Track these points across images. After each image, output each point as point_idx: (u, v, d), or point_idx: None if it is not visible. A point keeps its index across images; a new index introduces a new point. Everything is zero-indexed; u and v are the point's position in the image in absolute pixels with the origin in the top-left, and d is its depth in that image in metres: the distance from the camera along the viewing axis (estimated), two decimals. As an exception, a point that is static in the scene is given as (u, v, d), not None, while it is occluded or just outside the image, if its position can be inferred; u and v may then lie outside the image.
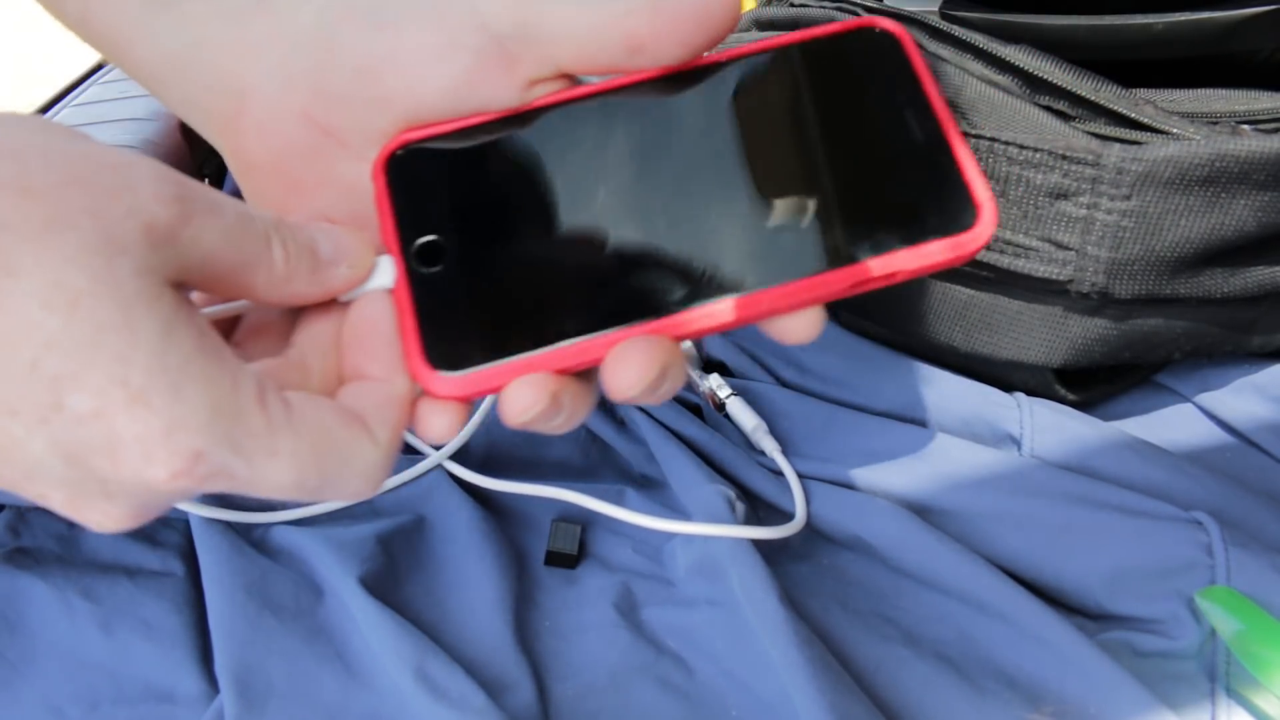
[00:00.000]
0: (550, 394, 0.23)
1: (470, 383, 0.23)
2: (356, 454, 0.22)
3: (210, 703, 0.39)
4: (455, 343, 0.24)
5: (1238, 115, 0.42)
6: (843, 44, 0.25)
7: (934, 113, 0.24)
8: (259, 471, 0.21)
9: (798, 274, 0.23)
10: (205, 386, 0.20)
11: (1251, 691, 0.35)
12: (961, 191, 0.24)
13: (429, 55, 0.24)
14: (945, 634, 0.39)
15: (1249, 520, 0.40)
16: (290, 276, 0.23)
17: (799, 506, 0.43)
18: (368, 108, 0.25)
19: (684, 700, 0.38)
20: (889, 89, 0.25)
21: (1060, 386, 0.46)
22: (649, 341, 0.23)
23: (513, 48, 0.24)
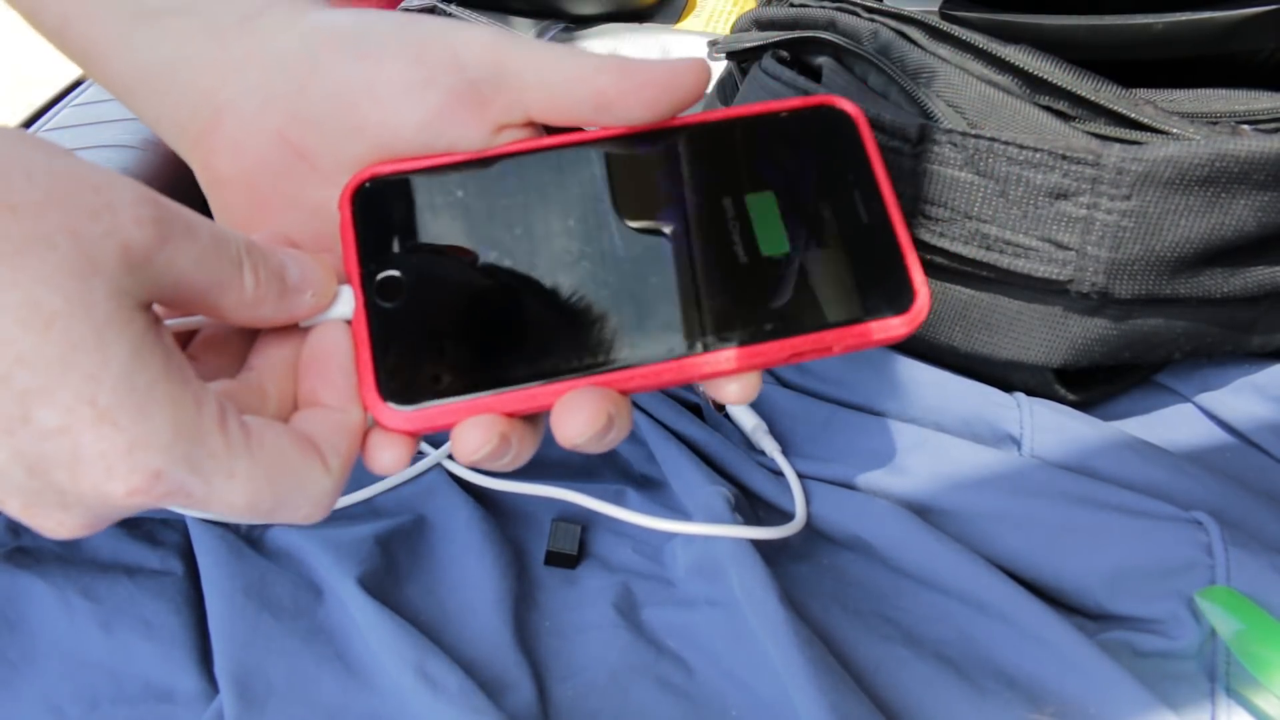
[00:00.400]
0: (499, 435, 0.24)
1: (420, 418, 0.24)
2: (309, 480, 0.23)
3: (210, 702, 0.39)
4: (408, 378, 0.24)
5: (1238, 115, 0.42)
6: (800, 120, 0.27)
7: (881, 195, 0.26)
8: (215, 492, 0.21)
9: (738, 341, 0.25)
10: (170, 408, 0.20)
11: (1251, 691, 0.35)
12: (900, 276, 0.25)
13: (405, 89, 0.25)
14: (945, 634, 0.39)
15: (1249, 520, 0.40)
16: (259, 301, 0.23)
17: (799, 506, 0.43)
18: (342, 134, 0.25)
19: (684, 700, 0.38)
20: (840, 168, 0.26)
21: (1060, 386, 0.46)
22: (597, 393, 0.24)
23: (485, 90, 0.25)
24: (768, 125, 0.26)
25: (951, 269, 0.44)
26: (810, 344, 0.25)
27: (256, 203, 0.27)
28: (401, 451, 0.25)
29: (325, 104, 0.25)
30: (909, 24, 0.46)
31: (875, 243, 0.25)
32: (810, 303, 0.25)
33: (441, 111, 0.25)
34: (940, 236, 0.43)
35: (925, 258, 0.45)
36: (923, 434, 0.45)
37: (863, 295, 0.25)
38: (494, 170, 0.26)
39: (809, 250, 0.25)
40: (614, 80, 0.25)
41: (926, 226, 0.43)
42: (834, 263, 0.25)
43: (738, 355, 0.25)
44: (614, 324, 0.25)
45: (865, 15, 0.48)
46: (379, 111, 0.25)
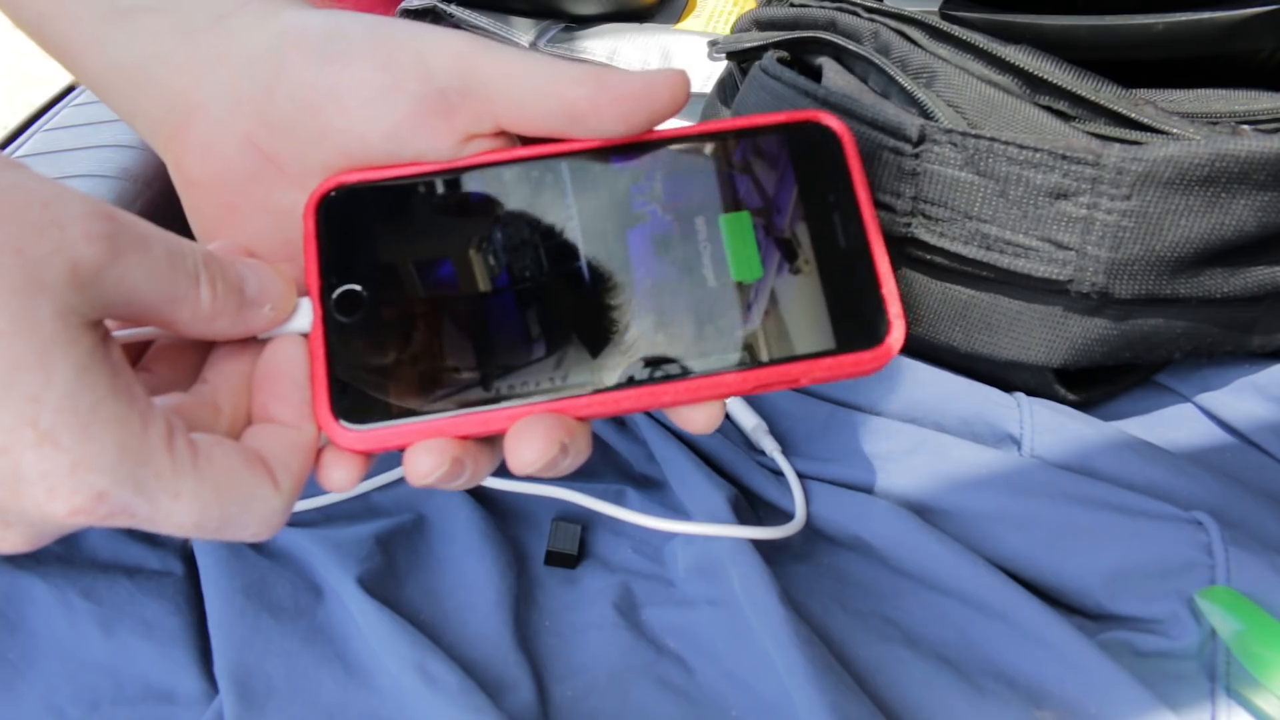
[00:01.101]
0: (452, 459, 0.24)
1: (373, 438, 0.24)
2: (258, 499, 0.22)
3: (210, 703, 0.39)
4: (362, 396, 0.24)
5: (1238, 115, 0.42)
6: (782, 136, 0.25)
7: (861, 220, 0.25)
8: (160, 512, 0.21)
9: (701, 371, 0.24)
10: (115, 428, 0.20)
11: (1251, 691, 0.35)
12: (876, 307, 0.24)
13: (371, 96, 0.24)
14: (945, 634, 0.39)
15: (1249, 520, 0.40)
16: (215, 315, 0.23)
17: (799, 506, 0.43)
18: (309, 139, 0.25)
19: (684, 700, 0.38)
20: (821, 189, 0.25)
21: (1060, 386, 0.46)
22: (552, 420, 0.24)
23: (454, 99, 0.25)
24: (747, 141, 0.25)
25: (951, 269, 0.44)
26: (776, 377, 0.24)
27: (226, 206, 0.26)
28: (354, 470, 0.24)
29: (291, 108, 0.25)
30: (909, 24, 0.46)
31: (852, 270, 0.24)
32: (779, 333, 0.24)
33: (408, 119, 0.25)
34: (940, 236, 0.43)
35: (925, 257, 0.45)
36: (923, 434, 0.45)
37: (835, 326, 0.24)
38: (460, 183, 0.25)
39: (782, 276, 0.24)
40: (588, 92, 0.24)
41: (926, 226, 0.43)
42: (807, 290, 0.24)
43: (699, 386, 0.24)
44: (574, 348, 0.24)
45: (865, 15, 0.48)
46: (344, 118, 0.25)
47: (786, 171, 0.25)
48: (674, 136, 0.25)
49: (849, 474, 0.45)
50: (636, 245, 0.25)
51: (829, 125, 0.25)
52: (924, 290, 0.45)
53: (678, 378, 0.24)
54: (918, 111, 0.44)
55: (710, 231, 0.25)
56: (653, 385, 0.24)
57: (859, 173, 0.25)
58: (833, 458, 0.45)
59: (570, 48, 0.69)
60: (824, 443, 0.46)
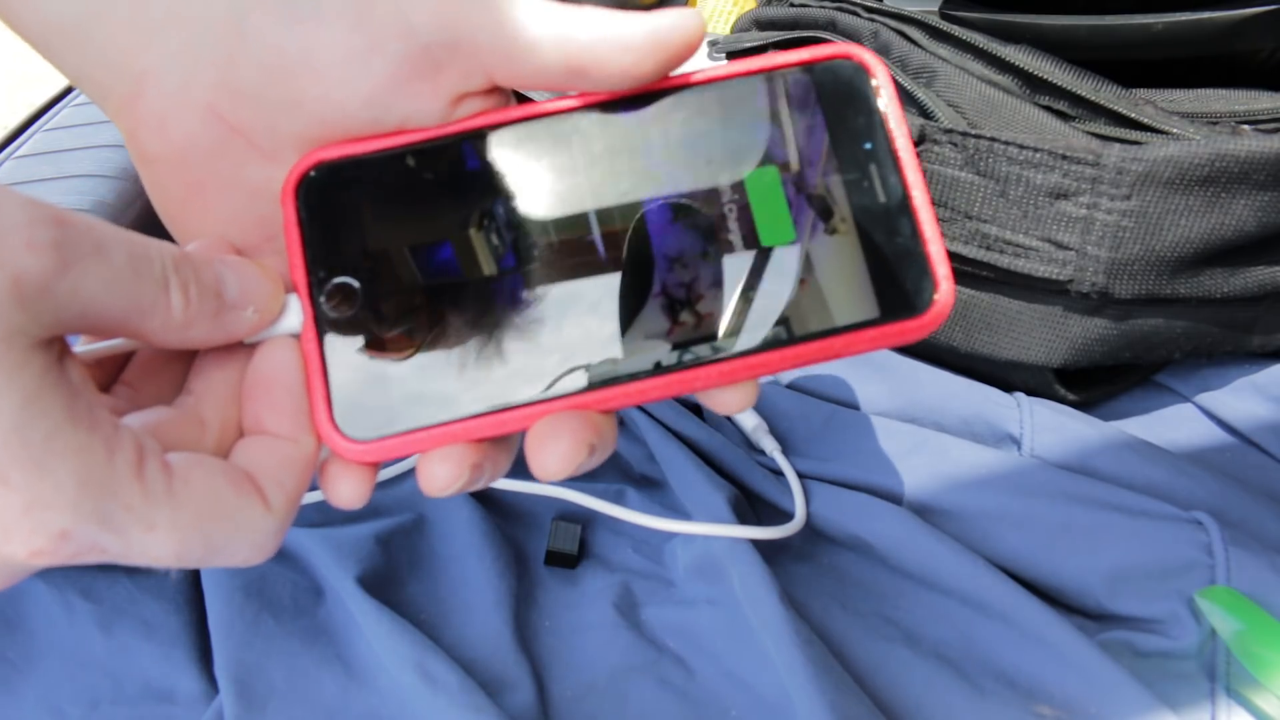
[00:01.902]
0: (471, 466, 0.22)
1: (381, 449, 0.21)
2: (246, 522, 0.20)
3: (210, 703, 0.39)
4: (367, 403, 0.21)
5: (1238, 115, 0.42)
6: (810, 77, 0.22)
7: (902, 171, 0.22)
8: (134, 546, 0.19)
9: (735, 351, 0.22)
10: (73, 460, 0.18)
11: (1251, 691, 0.35)
12: (921, 268, 0.22)
13: (347, 57, 0.22)
14: (945, 634, 0.39)
15: (1249, 520, 0.40)
16: (190, 322, 0.21)
17: (799, 506, 0.43)
18: (279, 108, 0.22)
19: (684, 700, 0.38)
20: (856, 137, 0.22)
21: (1060, 386, 0.46)
22: (576, 420, 0.21)
23: (439, 56, 0.22)
24: (772, 85, 0.22)
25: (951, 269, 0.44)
26: (815, 352, 0.22)
27: (191, 184, 0.24)
28: (362, 483, 0.22)
29: (258, 75, 0.22)
30: (909, 24, 0.46)
31: (894, 228, 0.21)
32: (818, 303, 0.21)
33: (390, 82, 0.22)
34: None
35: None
36: (923, 434, 0.45)
37: (878, 293, 0.21)
38: (455, 152, 0.22)
39: (817, 238, 0.22)
40: (589, 40, 0.21)
41: (926, 226, 0.43)
42: (845, 253, 0.21)
43: (733, 369, 0.21)
44: (596, 334, 0.21)
45: (865, 15, 0.48)
46: (319, 84, 0.22)
47: (816, 118, 0.22)
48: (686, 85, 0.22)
49: (849, 474, 0.45)
50: (655, 213, 0.22)
51: (861, 61, 0.22)
52: (924, 290, 0.45)
53: (709, 361, 0.21)
54: (917, 111, 0.44)
55: (735, 192, 0.22)
56: (683, 371, 0.21)
57: (898, 116, 0.22)
58: (833, 458, 0.45)
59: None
60: (824, 443, 0.46)
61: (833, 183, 0.22)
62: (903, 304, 0.21)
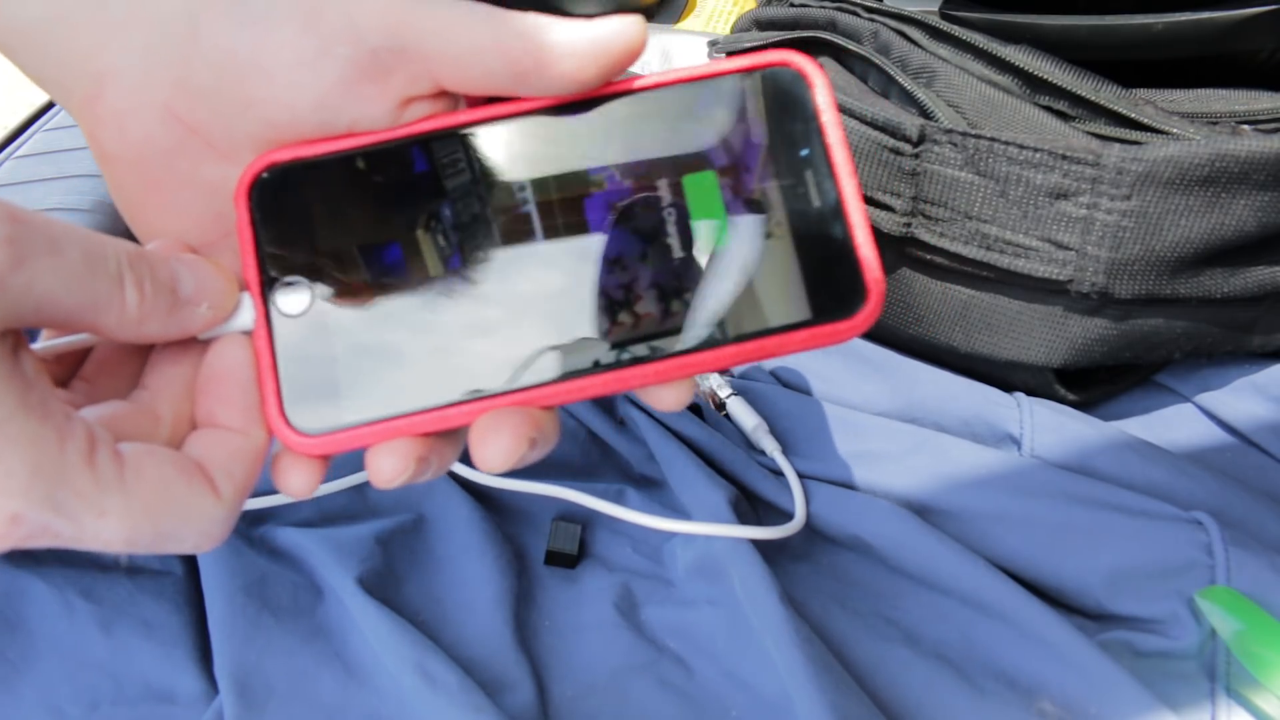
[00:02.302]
0: (416, 459, 0.22)
1: (329, 443, 0.22)
2: (195, 510, 0.21)
3: (210, 703, 0.39)
4: (316, 398, 0.22)
5: (1238, 115, 0.42)
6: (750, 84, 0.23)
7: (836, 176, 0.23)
8: (86, 530, 0.20)
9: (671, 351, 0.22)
10: (26, 448, 0.18)
11: (1251, 691, 0.35)
12: (853, 272, 0.22)
13: (296, 61, 0.22)
14: (945, 634, 0.39)
15: (1249, 520, 0.40)
16: (145, 318, 0.21)
17: (799, 506, 0.43)
18: (233, 108, 0.23)
19: (684, 700, 0.38)
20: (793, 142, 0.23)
21: (1060, 386, 0.46)
22: (518, 416, 0.22)
23: (387, 61, 0.22)
24: (710, 90, 0.23)
25: (951, 269, 0.44)
26: (750, 352, 0.22)
27: (148, 182, 0.24)
28: (312, 475, 0.23)
29: (211, 75, 0.23)
30: (909, 24, 0.46)
31: (828, 233, 0.22)
32: (751, 305, 0.22)
33: (339, 85, 0.22)
34: (940, 236, 0.43)
35: (925, 257, 0.45)
36: (923, 434, 0.45)
37: (811, 295, 0.22)
38: (403, 156, 0.23)
39: (753, 242, 0.22)
40: (534, 46, 0.22)
41: (926, 226, 0.43)
42: (780, 257, 0.22)
43: (669, 367, 0.22)
44: (537, 333, 0.22)
45: (865, 15, 0.48)
46: (269, 86, 0.23)
47: (755, 123, 0.23)
48: (627, 90, 0.23)
49: (849, 474, 0.45)
50: (595, 215, 0.23)
51: (800, 70, 0.23)
52: (924, 290, 0.45)
53: (647, 359, 0.22)
54: (917, 111, 0.44)
55: (673, 195, 0.23)
56: (621, 370, 0.22)
57: (835, 123, 0.23)
58: (833, 458, 0.45)
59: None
60: (824, 443, 0.46)
61: (769, 188, 0.23)
62: (834, 307, 0.22)
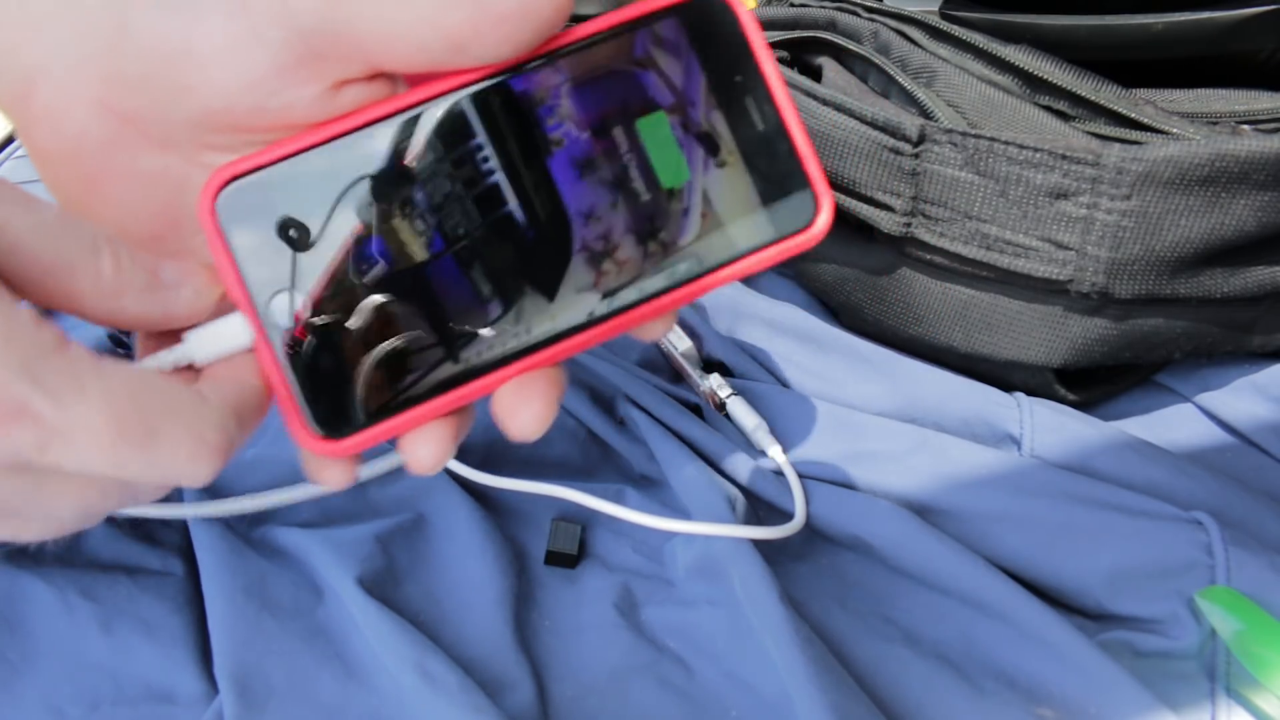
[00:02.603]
0: (452, 439, 0.23)
1: (361, 441, 0.22)
2: (183, 404, 0.20)
3: (210, 703, 0.39)
4: (337, 401, 0.22)
5: (1238, 115, 0.42)
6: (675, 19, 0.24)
7: (773, 97, 0.24)
8: (69, 413, 0.19)
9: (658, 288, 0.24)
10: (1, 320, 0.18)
11: (1251, 691, 0.35)
12: (803, 186, 0.24)
13: (228, 46, 0.22)
14: (945, 634, 0.39)
15: (1249, 520, 0.40)
16: (121, 289, 0.21)
17: (799, 506, 0.43)
18: (166, 96, 0.23)
19: (684, 700, 0.38)
20: (727, 71, 0.24)
21: (1060, 386, 0.46)
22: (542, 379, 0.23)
23: (320, 44, 0.22)
24: (643, 32, 0.24)
25: (951, 269, 0.44)
26: (728, 276, 0.24)
27: (87, 177, 0.24)
28: (348, 470, 0.23)
29: (142, 65, 0.22)
30: (909, 24, 0.46)
31: (774, 153, 0.24)
32: (720, 233, 0.24)
33: (271, 69, 0.22)
34: (940, 236, 0.43)
35: (925, 257, 0.45)
36: (923, 434, 0.45)
37: (769, 215, 0.24)
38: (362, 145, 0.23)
39: (709, 173, 0.24)
40: (467, 15, 0.22)
41: (926, 226, 0.43)
42: (736, 183, 0.24)
43: (661, 304, 0.24)
44: (533, 296, 0.23)
45: (865, 15, 0.48)
46: (200, 72, 0.22)
47: (688, 57, 0.24)
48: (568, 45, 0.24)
49: (849, 474, 0.45)
50: (561, 173, 0.23)
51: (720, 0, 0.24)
52: (924, 290, 0.45)
53: (637, 303, 0.24)
54: (917, 111, 0.44)
55: (630, 141, 0.24)
56: (618, 316, 0.24)
57: (762, 45, 0.24)
58: (833, 458, 0.45)
59: (570, 48, 0.69)
60: (824, 443, 0.46)
61: (714, 118, 0.24)
62: (792, 221, 0.24)
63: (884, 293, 0.47)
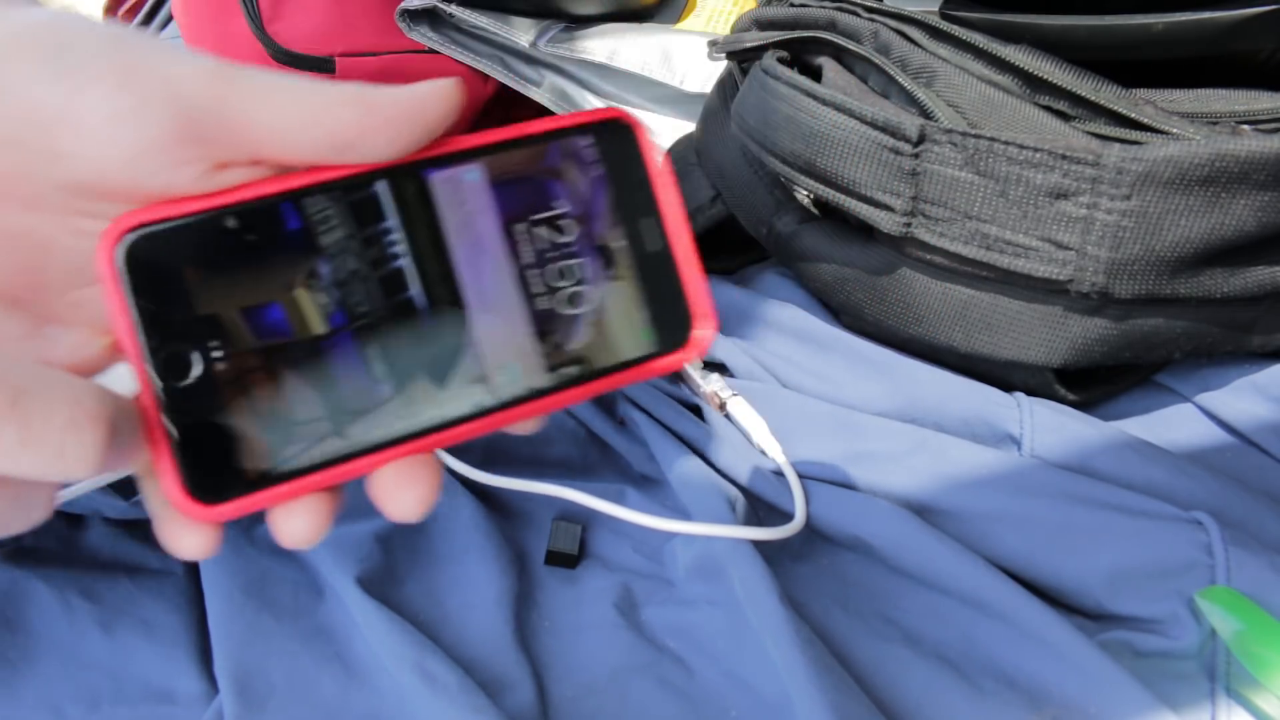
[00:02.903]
0: (329, 515, 0.23)
1: (233, 509, 0.22)
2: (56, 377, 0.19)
3: (210, 702, 0.39)
4: (215, 468, 0.22)
5: (1238, 115, 0.42)
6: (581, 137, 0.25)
7: (663, 220, 0.25)
8: None
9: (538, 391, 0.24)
10: None
11: (1251, 691, 0.35)
12: (684, 306, 0.25)
13: (110, 117, 0.22)
14: (945, 634, 0.39)
15: (1249, 520, 0.40)
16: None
17: (799, 507, 0.43)
18: (39, 160, 0.22)
19: (684, 700, 0.38)
20: (625, 190, 0.25)
21: (1060, 386, 0.46)
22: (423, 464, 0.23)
23: (204, 127, 0.22)
24: (552, 145, 0.25)
25: (951, 269, 0.44)
26: (604, 385, 0.25)
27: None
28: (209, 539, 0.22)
29: (17, 126, 0.22)
30: (909, 24, 0.46)
31: (662, 274, 0.25)
32: (603, 343, 0.25)
33: (152, 146, 0.22)
34: (940, 236, 0.43)
35: (925, 257, 0.45)
36: (923, 434, 0.45)
37: (653, 330, 0.25)
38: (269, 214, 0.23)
39: (600, 285, 0.25)
40: (355, 117, 0.22)
41: (926, 226, 0.43)
42: (624, 297, 0.25)
43: (542, 404, 0.24)
44: (423, 382, 0.23)
45: (865, 15, 0.48)
46: (79, 141, 0.22)
47: (593, 175, 0.25)
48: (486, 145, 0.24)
49: (849, 474, 0.45)
50: (462, 267, 0.24)
51: (628, 119, 0.25)
52: (924, 290, 0.45)
53: (523, 399, 0.24)
54: (918, 111, 0.44)
55: (529, 244, 0.24)
56: (503, 410, 0.24)
57: (660, 172, 0.25)
58: (833, 458, 0.45)
59: (570, 48, 0.69)
60: (824, 443, 0.46)
61: (611, 234, 0.25)
62: (672, 339, 0.25)
63: (884, 293, 0.47)
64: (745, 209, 0.53)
